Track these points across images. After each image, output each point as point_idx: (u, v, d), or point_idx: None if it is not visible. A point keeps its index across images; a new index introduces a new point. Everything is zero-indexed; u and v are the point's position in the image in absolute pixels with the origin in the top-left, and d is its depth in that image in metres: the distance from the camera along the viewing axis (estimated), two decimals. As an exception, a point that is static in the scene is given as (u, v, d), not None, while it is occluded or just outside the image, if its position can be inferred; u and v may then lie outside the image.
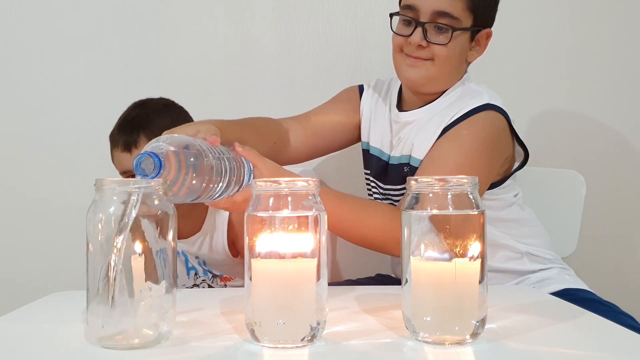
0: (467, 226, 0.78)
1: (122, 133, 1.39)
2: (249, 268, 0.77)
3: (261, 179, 0.80)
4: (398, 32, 1.35)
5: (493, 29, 1.37)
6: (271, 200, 0.77)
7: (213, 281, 1.54)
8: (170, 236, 0.78)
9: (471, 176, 0.79)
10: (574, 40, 1.91)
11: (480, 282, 0.77)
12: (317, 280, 0.76)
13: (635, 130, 1.93)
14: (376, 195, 1.47)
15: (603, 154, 1.92)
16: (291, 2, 1.88)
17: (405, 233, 0.79)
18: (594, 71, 1.91)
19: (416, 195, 0.79)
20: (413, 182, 0.80)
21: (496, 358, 0.75)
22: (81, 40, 1.89)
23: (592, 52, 1.91)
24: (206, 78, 1.90)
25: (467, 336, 0.76)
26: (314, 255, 0.76)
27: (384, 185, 1.43)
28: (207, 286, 1.54)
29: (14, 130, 1.91)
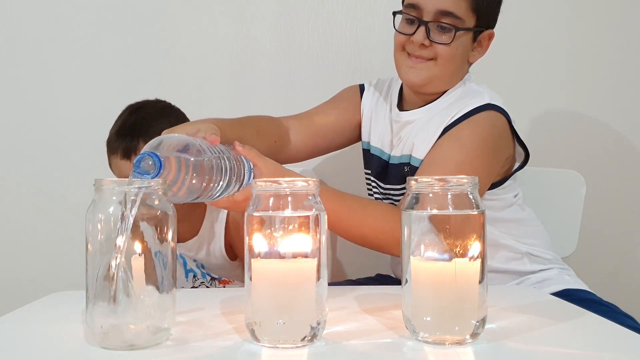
0: (467, 226, 0.78)
1: (120, 140, 1.36)
2: (249, 268, 0.77)
3: (261, 179, 0.80)
4: (401, 30, 1.34)
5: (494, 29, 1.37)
6: (271, 200, 0.77)
7: (212, 284, 1.54)
8: (169, 236, 0.78)
9: (471, 176, 0.79)
10: (574, 41, 1.91)
11: (480, 282, 0.77)
12: (317, 280, 0.76)
13: (635, 130, 1.93)
14: (376, 195, 1.47)
15: (603, 154, 1.92)
16: (291, 2, 1.88)
17: (405, 233, 0.79)
18: (594, 71, 1.91)
19: (416, 195, 0.79)
20: (413, 182, 0.80)
21: (496, 358, 0.75)
22: (81, 40, 1.89)
23: (592, 52, 1.91)
24: (206, 78, 1.90)
25: (467, 336, 0.76)
26: (314, 255, 0.76)
27: (384, 185, 1.43)
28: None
29: (14, 130, 1.91)
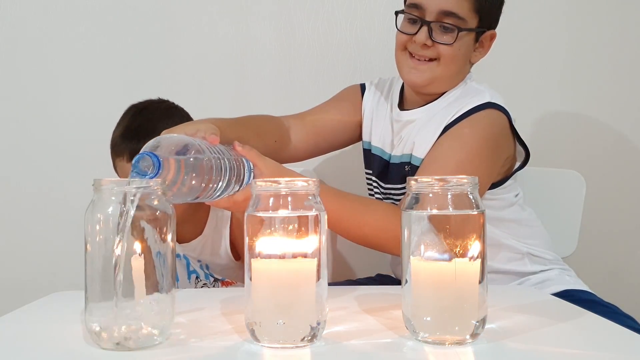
0: (467, 226, 0.78)
1: (127, 142, 1.34)
2: (249, 268, 0.77)
3: (261, 179, 0.80)
4: (403, 30, 1.34)
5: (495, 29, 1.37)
6: (271, 200, 0.77)
7: (214, 285, 1.53)
8: (169, 236, 0.78)
9: (471, 176, 0.79)
10: (574, 41, 1.91)
11: (480, 282, 0.77)
12: (317, 280, 0.76)
13: (635, 130, 1.93)
14: (377, 195, 1.47)
15: (603, 154, 1.92)
16: (291, 2, 1.88)
17: (405, 233, 0.79)
18: (594, 71, 1.91)
19: (416, 195, 0.79)
20: (413, 182, 0.80)
21: (496, 358, 0.75)
22: (81, 40, 1.89)
23: (592, 53, 1.91)
24: (206, 78, 1.90)
25: (467, 336, 0.76)
26: (314, 255, 0.76)
27: (385, 184, 1.43)
28: None
29: (14, 130, 1.91)
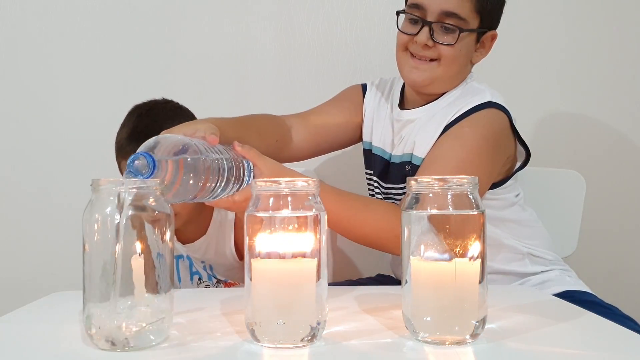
0: (467, 226, 0.78)
1: (134, 144, 1.30)
2: (249, 268, 0.77)
3: (261, 179, 0.80)
4: (404, 30, 1.34)
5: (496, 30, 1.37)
6: (271, 200, 0.77)
7: (217, 286, 1.53)
8: (167, 236, 0.78)
9: (472, 175, 0.79)
10: (573, 41, 1.91)
11: (480, 282, 0.77)
12: (317, 280, 0.76)
13: (635, 130, 1.92)
14: (378, 195, 1.47)
15: (603, 154, 1.92)
16: (291, 2, 1.88)
17: (405, 233, 0.79)
18: (594, 71, 1.91)
19: (416, 195, 0.79)
20: (413, 182, 0.80)
21: (496, 358, 0.75)
22: (81, 39, 1.89)
23: (592, 53, 1.91)
24: (206, 78, 1.90)
25: (467, 336, 0.76)
26: (314, 255, 0.76)
27: (385, 184, 1.43)
28: None
29: (14, 130, 1.91)
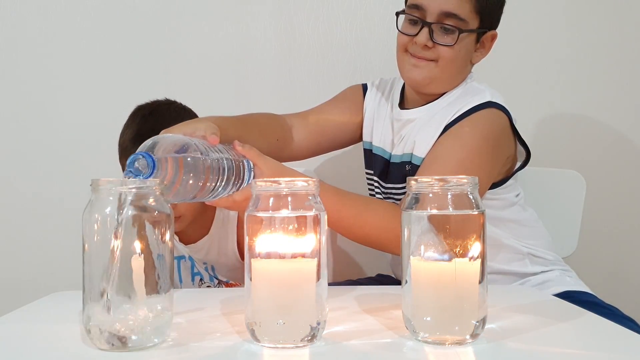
0: (467, 226, 0.78)
1: (137, 146, 1.28)
2: (249, 268, 0.77)
3: (261, 179, 0.80)
4: (404, 31, 1.34)
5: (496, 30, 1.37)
6: (271, 200, 0.77)
7: (218, 287, 1.53)
8: (167, 236, 0.78)
9: (472, 175, 0.79)
10: (573, 41, 1.91)
11: (480, 282, 0.77)
12: (317, 280, 0.76)
13: (635, 130, 1.92)
14: (378, 195, 1.47)
15: (603, 154, 1.92)
16: (291, 2, 1.88)
17: (405, 233, 0.79)
18: (594, 71, 1.91)
19: (416, 196, 0.79)
20: (413, 182, 0.80)
21: (496, 358, 0.75)
22: (81, 40, 1.89)
23: (592, 53, 1.91)
24: (206, 78, 1.90)
25: (467, 336, 0.76)
26: (314, 255, 0.76)
27: (386, 184, 1.43)
28: None
29: (14, 130, 1.91)
